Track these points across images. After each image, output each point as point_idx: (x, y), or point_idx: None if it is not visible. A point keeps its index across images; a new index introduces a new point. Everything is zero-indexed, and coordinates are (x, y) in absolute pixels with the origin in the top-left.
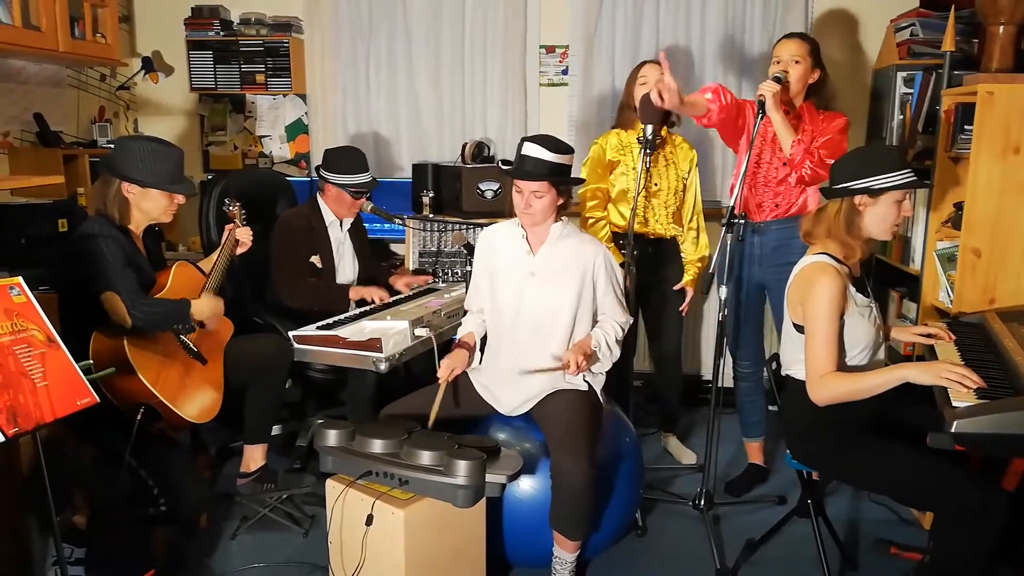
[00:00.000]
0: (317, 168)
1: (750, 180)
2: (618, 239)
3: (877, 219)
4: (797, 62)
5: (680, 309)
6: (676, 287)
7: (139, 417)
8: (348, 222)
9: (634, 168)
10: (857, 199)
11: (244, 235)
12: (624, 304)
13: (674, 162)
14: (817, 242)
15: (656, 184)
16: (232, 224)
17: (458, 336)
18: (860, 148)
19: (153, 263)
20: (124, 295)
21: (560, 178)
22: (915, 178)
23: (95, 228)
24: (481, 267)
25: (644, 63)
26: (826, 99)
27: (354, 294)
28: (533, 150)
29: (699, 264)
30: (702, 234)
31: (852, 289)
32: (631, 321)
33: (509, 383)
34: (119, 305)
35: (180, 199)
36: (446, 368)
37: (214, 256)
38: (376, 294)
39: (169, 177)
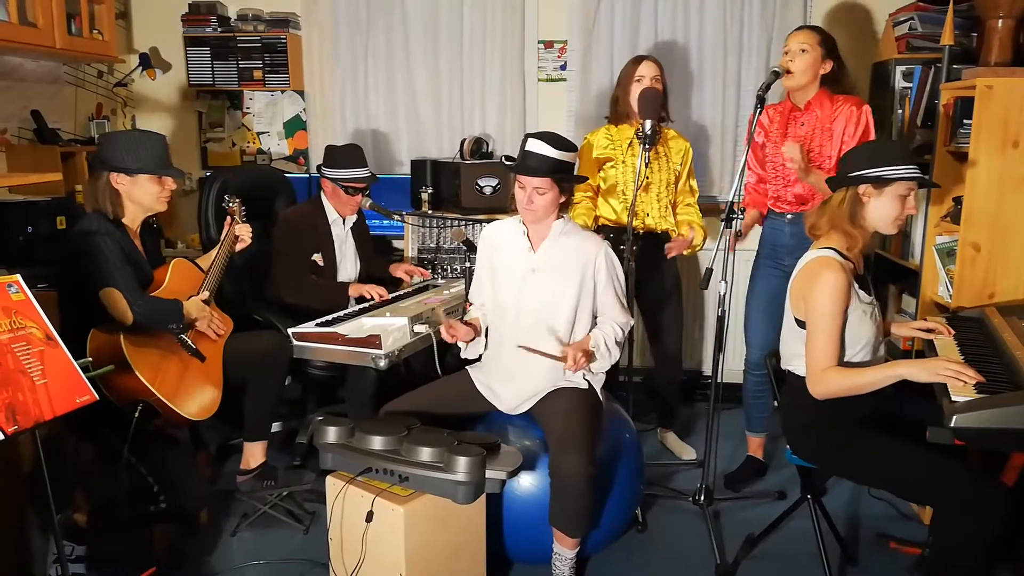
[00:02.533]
0: (319, 166)
1: (759, 175)
2: (608, 232)
3: (880, 211)
4: (804, 50)
5: (667, 247)
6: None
7: (137, 415)
8: (351, 220)
9: (623, 162)
10: (861, 189)
11: (244, 232)
12: (625, 304)
13: (666, 155)
14: (822, 234)
15: (648, 178)
16: (232, 220)
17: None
18: (870, 140)
19: (151, 260)
20: (124, 291)
21: (563, 175)
22: (920, 173)
23: (92, 225)
24: (483, 264)
25: (640, 59)
26: (844, 87)
27: (354, 291)
28: (537, 146)
29: (702, 226)
30: (696, 212)
31: (856, 285)
32: (632, 323)
33: (510, 381)
34: (119, 301)
35: (170, 183)
36: (449, 326)
37: (213, 253)
38: (376, 291)
39: (155, 162)
